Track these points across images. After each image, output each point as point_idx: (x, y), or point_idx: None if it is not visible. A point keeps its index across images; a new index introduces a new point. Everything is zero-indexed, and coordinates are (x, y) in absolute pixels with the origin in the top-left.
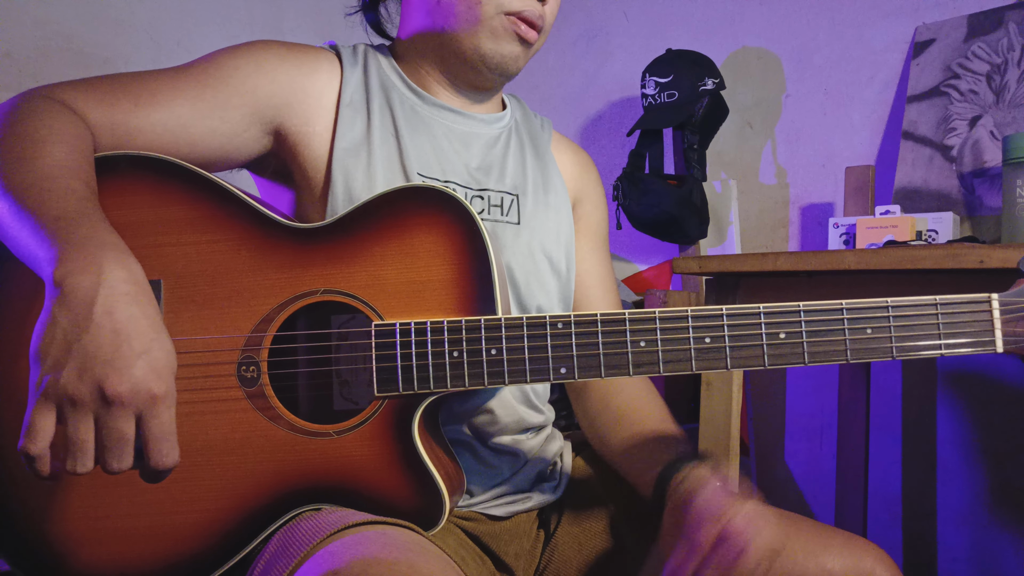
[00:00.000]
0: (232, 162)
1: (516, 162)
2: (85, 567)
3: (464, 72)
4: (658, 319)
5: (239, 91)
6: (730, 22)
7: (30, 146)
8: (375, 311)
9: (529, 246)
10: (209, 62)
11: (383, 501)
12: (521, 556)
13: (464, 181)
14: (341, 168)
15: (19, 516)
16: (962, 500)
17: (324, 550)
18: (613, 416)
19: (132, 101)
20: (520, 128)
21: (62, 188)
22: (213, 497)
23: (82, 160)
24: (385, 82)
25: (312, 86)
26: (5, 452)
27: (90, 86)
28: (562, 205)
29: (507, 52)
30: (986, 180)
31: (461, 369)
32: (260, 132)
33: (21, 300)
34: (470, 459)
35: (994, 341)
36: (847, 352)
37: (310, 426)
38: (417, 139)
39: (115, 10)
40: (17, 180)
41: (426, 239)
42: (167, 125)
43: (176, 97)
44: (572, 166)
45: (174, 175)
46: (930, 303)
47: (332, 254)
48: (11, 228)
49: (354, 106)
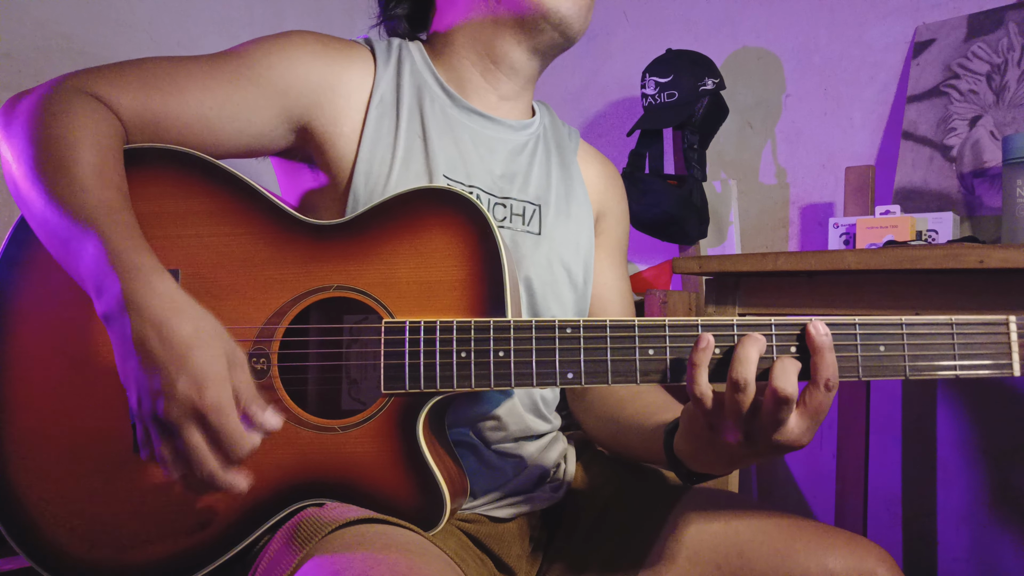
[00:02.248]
0: (258, 154)
1: (541, 171)
2: (86, 550)
3: (517, 49)
4: (668, 327)
5: (269, 91)
6: (730, 22)
7: (65, 150)
8: (386, 309)
9: (548, 257)
10: (241, 56)
11: (384, 499)
12: (523, 558)
13: (488, 188)
14: (365, 168)
15: (21, 497)
16: (962, 500)
17: (325, 551)
18: (616, 400)
19: (162, 98)
20: (548, 136)
21: (95, 200)
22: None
23: (115, 163)
24: (418, 80)
25: (343, 85)
26: (7, 431)
27: (122, 77)
28: (584, 217)
29: (571, 4)
30: (986, 180)
31: (468, 370)
32: (287, 130)
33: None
34: (473, 461)
35: (1011, 364)
36: (859, 369)
37: (316, 420)
38: (444, 142)
39: (115, 10)
40: (55, 189)
41: (439, 239)
42: (195, 125)
43: (206, 95)
44: (597, 178)
45: (197, 168)
46: (945, 323)
47: (347, 251)
48: (51, 238)
49: (384, 106)
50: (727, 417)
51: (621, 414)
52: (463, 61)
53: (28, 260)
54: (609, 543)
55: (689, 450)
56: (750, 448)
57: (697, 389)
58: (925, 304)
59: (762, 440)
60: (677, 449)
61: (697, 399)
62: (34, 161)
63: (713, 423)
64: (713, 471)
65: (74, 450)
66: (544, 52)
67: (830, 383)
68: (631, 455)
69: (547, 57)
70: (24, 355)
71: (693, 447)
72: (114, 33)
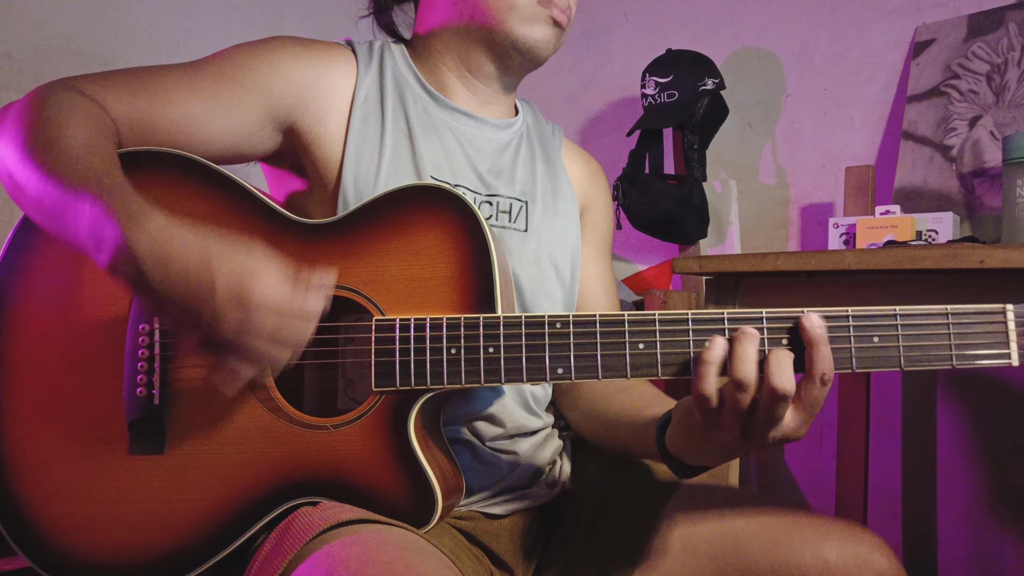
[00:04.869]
0: (246, 158)
1: (526, 168)
2: (82, 550)
3: (488, 63)
4: (658, 321)
5: (253, 91)
6: (730, 22)
7: (55, 130)
8: (377, 307)
9: (536, 254)
10: (225, 60)
11: (377, 496)
12: (519, 554)
13: (474, 186)
14: (352, 168)
15: (21, 497)
16: (962, 500)
17: (320, 550)
18: (604, 394)
19: (148, 99)
20: (531, 134)
21: (86, 166)
22: (210, 485)
23: (106, 143)
24: (400, 81)
25: (326, 85)
26: (5, 431)
27: (109, 80)
28: (570, 213)
29: (540, 36)
30: (986, 180)
31: (458, 366)
32: (273, 131)
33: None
34: (469, 457)
35: (1009, 354)
36: (852, 360)
37: (308, 419)
38: (430, 142)
39: (115, 10)
40: (47, 163)
41: (429, 236)
42: (182, 124)
43: (191, 96)
44: (581, 175)
45: (190, 171)
46: (941, 312)
47: (337, 250)
48: (47, 214)
49: (368, 106)
50: (726, 414)
51: (610, 408)
52: (440, 66)
53: (28, 263)
54: (605, 538)
55: (683, 445)
56: (746, 442)
57: (705, 389)
58: (925, 304)
59: (759, 435)
60: (670, 444)
61: (704, 398)
62: (25, 143)
63: (712, 420)
64: (707, 463)
65: (72, 450)
66: (515, 70)
67: (826, 377)
68: (622, 450)
69: (520, 73)
70: (24, 357)
71: (687, 442)
72: (114, 33)
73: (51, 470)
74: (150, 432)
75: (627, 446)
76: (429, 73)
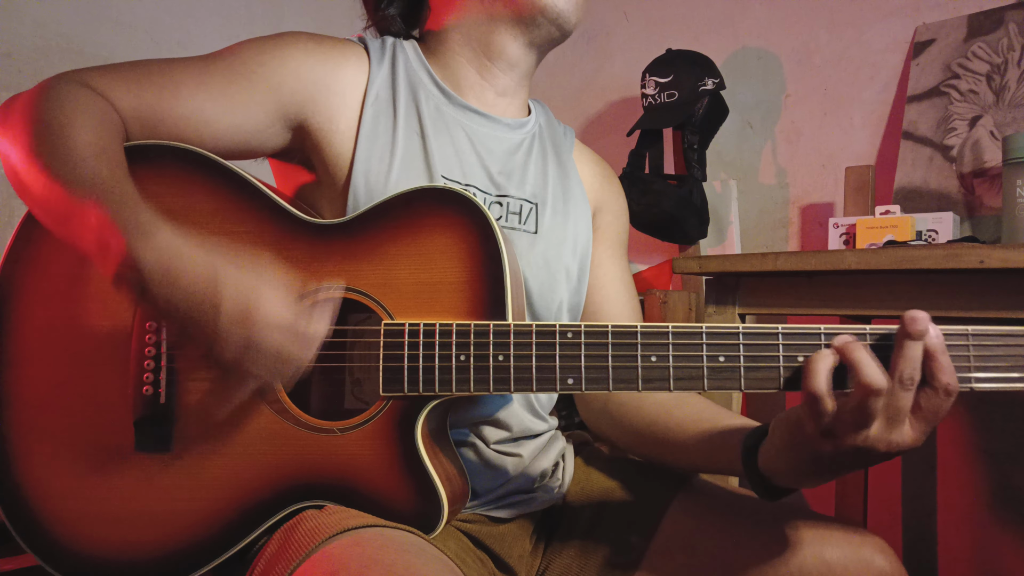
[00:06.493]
0: (255, 154)
1: (537, 170)
2: (87, 546)
3: (512, 42)
4: (671, 334)
5: (263, 87)
6: (730, 22)
7: (61, 131)
8: (386, 310)
9: (545, 256)
10: (235, 55)
11: (382, 501)
12: (524, 557)
13: (484, 186)
14: (363, 166)
15: (26, 493)
16: (962, 500)
17: (323, 551)
18: (659, 406)
19: (156, 93)
20: (544, 135)
21: (92, 171)
22: (215, 486)
23: (113, 144)
24: (412, 78)
25: (337, 83)
26: (12, 427)
27: (116, 74)
28: (581, 215)
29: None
30: (986, 180)
31: (467, 374)
32: (283, 127)
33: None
34: (474, 460)
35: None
36: None
37: (315, 422)
38: (441, 140)
39: (115, 10)
40: (53, 166)
41: (440, 240)
42: (190, 119)
43: (200, 91)
44: (593, 176)
45: (200, 166)
46: (961, 333)
47: (348, 251)
48: (53, 216)
49: (380, 104)
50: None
51: (668, 420)
52: (458, 58)
53: (33, 256)
54: (608, 541)
55: (784, 464)
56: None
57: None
58: (925, 305)
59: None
60: (764, 465)
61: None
62: (31, 144)
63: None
64: (800, 484)
65: (78, 448)
66: (540, 45)
67: (950, 387)
68: (686, 464)
69: (543, 50)
70: (29, 353)
71: (792, 460)
72: (114, 33)
73: (57, 466)
74: (156, 431)
75: (692, 462)
76: (443, 69)
